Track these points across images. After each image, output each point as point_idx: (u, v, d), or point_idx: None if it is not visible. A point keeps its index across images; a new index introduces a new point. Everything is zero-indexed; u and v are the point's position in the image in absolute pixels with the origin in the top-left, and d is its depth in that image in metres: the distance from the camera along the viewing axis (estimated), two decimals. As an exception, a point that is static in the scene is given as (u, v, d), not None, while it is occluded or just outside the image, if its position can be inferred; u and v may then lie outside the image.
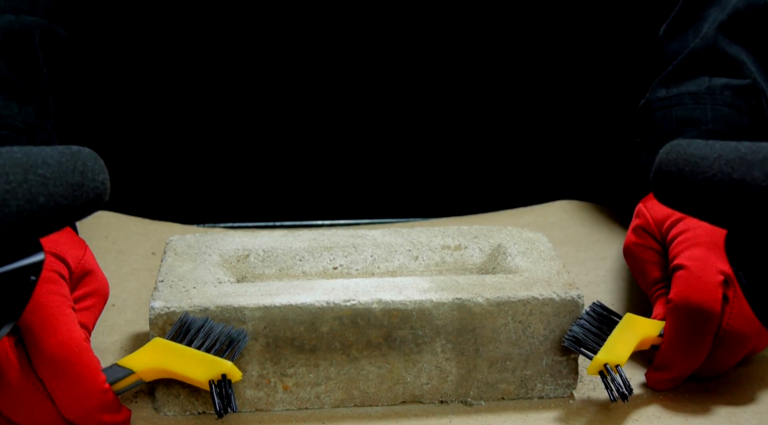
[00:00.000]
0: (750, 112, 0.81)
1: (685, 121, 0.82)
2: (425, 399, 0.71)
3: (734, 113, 0.81)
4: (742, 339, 0.70)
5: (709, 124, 0.81)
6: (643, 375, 0.73)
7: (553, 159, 1.05)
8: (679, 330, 0.70)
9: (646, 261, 0.77)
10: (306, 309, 0.68)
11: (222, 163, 1.03)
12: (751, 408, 0.71)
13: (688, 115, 0.82)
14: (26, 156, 0.56)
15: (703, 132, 0.80)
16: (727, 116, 0.81)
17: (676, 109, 0.83)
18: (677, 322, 0.70)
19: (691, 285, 0.70)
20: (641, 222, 0.78)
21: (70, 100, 0.88)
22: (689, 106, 0.82)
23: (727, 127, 0.81)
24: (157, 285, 0.70)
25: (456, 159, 1.05)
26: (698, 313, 0.69)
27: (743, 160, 0.59)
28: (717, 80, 0.83)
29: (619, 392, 0.68)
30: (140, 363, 0.66)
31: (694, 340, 0.69)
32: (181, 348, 0.65)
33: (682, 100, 0.83)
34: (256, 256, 0.76)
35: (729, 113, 0.81)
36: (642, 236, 0.77)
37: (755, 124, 0.81)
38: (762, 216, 0.57)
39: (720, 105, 0.81)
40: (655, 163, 0.63)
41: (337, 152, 1.03)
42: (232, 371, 0.65)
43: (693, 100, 0.82)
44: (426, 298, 0.68)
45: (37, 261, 0.58)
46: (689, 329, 0.69)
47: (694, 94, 0.83)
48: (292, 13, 0.98)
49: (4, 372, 0.63)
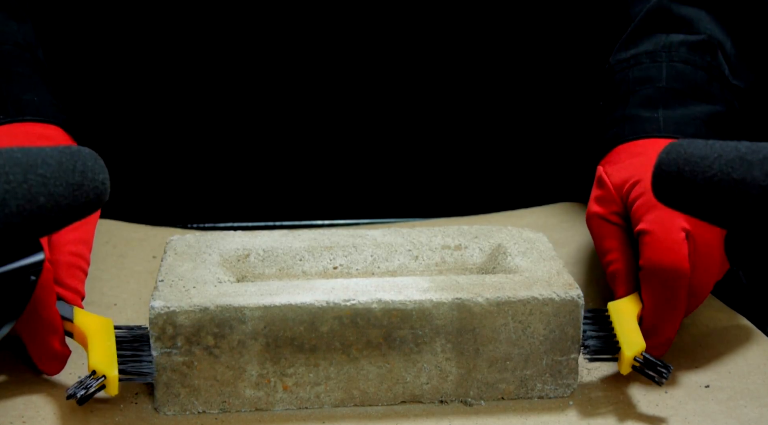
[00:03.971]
0: (705, 67, 0.82)
1: (640, 80, 0.82)
2: (425, 399, 0.71)
3: (689, 69, 0.82)
4: (707, 286, 0.74)
5: (663, 81, 0.82)
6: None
7: (554, 161, 1.05)
8: (656, 294, 0.72)
9: (607, 234, 0.78)
10: (306, 308, 0.68)
11: (222, 164, 1.03)
12: (751, 403, 0.71)
13: (644, 74, 0.83)
14: (26, 156, 0.56)
15: (658, 89, 0.81)
16: (682, 72, 0.82)
17: (633, 70, 0.83)
18: (653, 287, 0.72)
19: (657, 248, 0.71)
20: (603, 193, 0.79)
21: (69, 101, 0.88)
22: (646, 65, 0.83)
23: (682, 83, 0.81)
24: (157, 285, 0.70)
25: (457, 159, 1.05)
26: (670, 274, 0.71)
27: (743, 160, 0.59)
28: (673, 37, 0.83)
29: (661, 373, 0.69)
30: (82, 321, 0.69)
31: (672, 301, 0.71)
32: (111, 338, 0.68)
33: (640, 59, 0.84)
34: (256, 256, 0.76)
35: (683, 69, 0.82)
36: (605, 204, 0.78)
37: (711, 79, 0.82)
38: (762, 216, 0.57)
39: (675, 61, 0.82)
40: (655, 163, 0.63)
41: (337, 152, 1.03)
42: (111, 382, 0.66)
43: (650, 59, 0.83)
44: (426, 298, 0.68)
45: (37, 261, 0.58)
46: (665, 291, 0.71)
47: (651, 53, 0.83)
48: (292, 13, 0.98)
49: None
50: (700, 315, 0.82)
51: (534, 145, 1.05)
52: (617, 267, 0.76)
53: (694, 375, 0.74)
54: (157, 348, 0.67)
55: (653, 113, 0.80)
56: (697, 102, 0.80)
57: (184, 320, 0.67)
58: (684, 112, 0.80)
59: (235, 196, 1.04)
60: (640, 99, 0.81)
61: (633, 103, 0.81)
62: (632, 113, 0.81)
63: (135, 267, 0.89)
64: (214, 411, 0.69)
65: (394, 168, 1.04)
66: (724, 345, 0.78)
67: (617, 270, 0.75)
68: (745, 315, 0.82)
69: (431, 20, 1.00)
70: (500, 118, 1.04)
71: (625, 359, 0.70)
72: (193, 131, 1.02)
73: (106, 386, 0.67)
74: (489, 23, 1.00)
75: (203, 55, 0.99)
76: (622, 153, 0.79)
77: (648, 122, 0.80)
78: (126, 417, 0.69)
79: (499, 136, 1.04)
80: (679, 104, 0.80)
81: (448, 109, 1.03)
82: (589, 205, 0.80)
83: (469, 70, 1.02)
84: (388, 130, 1.03)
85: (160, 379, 0.68)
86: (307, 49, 0.99)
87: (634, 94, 0.82)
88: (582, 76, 1.01)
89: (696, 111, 0.80)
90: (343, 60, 1.00)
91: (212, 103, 1.01)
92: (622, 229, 0.77)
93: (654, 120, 0.79)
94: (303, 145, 1.03)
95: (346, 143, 1.03)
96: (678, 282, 0.71)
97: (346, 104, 1.02)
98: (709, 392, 0.72)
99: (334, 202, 1.04)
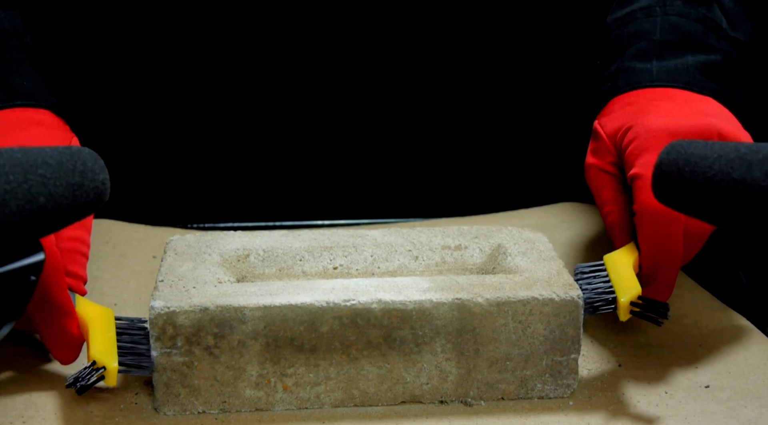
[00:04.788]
0: (700, 18, 0.82)
1: (635, 35, 0.83)
2: (425, 399, 0.71)
3: (683, 21, 0.82)
4: (702, 232, 0.73)
5: (657, 34, 0.82)
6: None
7: (554, 161, 1.05)
8: (651, 238, 0.71)
9: (603, 184, 0.78)
10: (306, 309, 0.68)
11: (222, 164, 1.03)
12: (751, 403, 0.71)
13: (638, 28, 0.83)
14: (26, 156, 0.56)
15: (651, 42, 0.81)
16: (676, 25, 0.82)
17: (629, 26, 0.84)
18: (648, 231, 0.72)
19: (650, 191, 0.71)
20: (597, 144, 0.79)
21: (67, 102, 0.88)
22: (640, 20, 0.83)
23: (677, 35, 0.82)
24: (157, 285, 0.70)
25: (457, 159, 1.05)
26: (663, 216, 0.71)
27: (743, 160, 0.59)
28: None
29: (659, 313, 0.70)
30: (83, 310, 0.69)
31: (667, 243, 0.71)
32: (112, 328, 0.68)
33: (635, 15, 0.84)
34: (256, 256, 0.76)
35: (678, 21, 0.82)
36: (600, 154, 0.78)
37: (706, 30, 0.82)
38: (762, 216, 0.57)
39: (669, 14, 0.83)
40: (655, 163, 0.63)
41: (337, 152, 1.03)
42: (110, 373, 0.67)
43: (644, 14, 0.84)
44: (426, 298, 0.68)
45: (37, 261, 0.58)
46: (660, 234, 0.71)
47: (646, 8, 0.84)
48: (292, 13, 0.98)
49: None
50: (700, 315, 0.82)
51: (534, 145, 1.05)
52: (614, 218, 0.76)
53: (694, 375, 0.74)
54: (157, 348, 0.67)
55: (646, 64, 0.80)
56: (691, 52, 0.80)
57: (184, 320, 0.67)
58: (677, 62, 0.80)
59: (235, 196, 1.04)
60: (634, 52, 0.82)
61: (627, 57, 0.82)
62: (626, 65, 0.81)
63: (135, 267, 0.89)
64: (214, 411, 0.69)
65: (394, 168, 1.04)
66: (724, 345, 0.78)
67: (615, 220, 0.75)
68: (745, 315, 0.82)
69: (431, 21, 1.00)
70: (500, 118, 1.04)
71: (621, 305, 0.70)
72: (193, 131, 1.02)
73: (105, 377, 0.67)
74: (488, 24, 1.00)
75: (203, 56, 0.99)
76: (615, 104, 0.80)
77: (641, 73, 0.80)
78: (126, 417, 0.69)
79: (499, 136, 1.04)
80: (672, 55, 0.80)
81: (447, 109, 1.03)
82: (587, 158, 0.80)
83: (469, 70, 1.02)
84: (388, 130, 1.03)
85: (160, 379, 0.68)
86: (307, 50, 1.00)
87: (628, 48, 0.82)
88: (581, 76, 1.01)
89: (690, 60, 0.80)
90: (343, 60, 1.00)
91: (212, 103, 1.01)
92: (618, 179, 0.77)
93: (647, 71, 0.80)
94: (303, 145, 1.03)
95: (346, 143, 1.03)
96: (673, 223, 0.71)
97: (346, 104, 1.02)
98: (709, 392, 0.72)
99: (334, 202, 1.04)
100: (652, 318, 0.71)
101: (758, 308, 0.83)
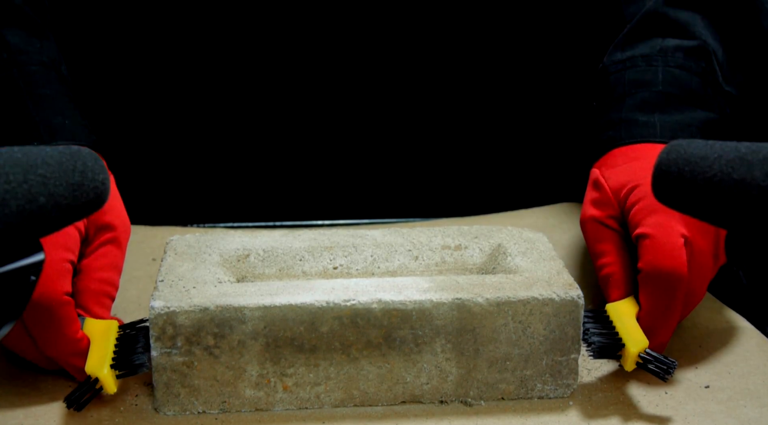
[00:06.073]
0: (700, 73, 0.83)
1: (636, 83, 0.83)
2: (425, 399, 0.71)
3: (684, 74, 0.83)
4: (700, 292, 0.75)
5: (659, 85, 0.82)
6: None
7: (554, 161, 1.05)
8: (655, 298, 0.72)
9: (603, 237, 0.78)
10: (306, 309, 0.68)
11: (222, 164, 1.03)
12: (751, 403, 0.71)
13: (640, 77, 0.83)
14: (26, 156, 0.56)
15: (654, 94, 0.82)
16: (678, 77, 0.82)
17: (629, 72, 0.84)
18: (652, 291, 0.72)
19: (657, 252, 0.72)
20: (600, 196, 0.79)
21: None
22: (642, 68, 0.84)
23: (678, 88, 0.82)
24: (157, 285, 0.70)
25: (457, 159, 1.05)
26: (670, 278, 0.72)
27: (743, 160, 0.59)
28: (669, 42, 0.84)
29: (665, 369, 0.70)
30: (88, 328, 0.70)
31: (670, 305, 0.72)
32: (111, 340, 0.69)
33: (635, 62, 0.84)
34: (256, 256, 0.76)
35: (679, 74, 0.83)
36: (602, 207, 0.78)
37: (705, 85, 0.83)
38: (762, 216, 0.57)
39: (671, 66, 0.83)
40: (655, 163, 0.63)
41: (337, 152, 1.03)
42: (104, 380, 0.67)
43: (645, 62, 0.84)
44: (426, 298, 0.68)
45: (37, 261, 0.58)
46: (664, 295, 0.72)
47: (647, 56, 0.84)
48: (292, 13, 0.98)
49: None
50: (700, 315, 0.82)
51: (534, 145, 1.05)
52: (613, 270, 0.76)
53: (694, 375, 0.74)
54: (157, 348, 0.67)
55: (650, 118, 0.80)
56: (693, 107, 0.81)
57: (184, 320, 0.67)
58: (680, 117, 0.80)
59: (235, 196, 1.04)
60: (636, 102, 0.82)
61: (629, 106, 0.82)
62: (628, 116, 0.81)
63: (134, 268, 0.89)
64: (214, 411, 0.69)
65: (394, 168, 1.04)
66: (724, 345, 0.78)
67: (613, 273, 0.76)
68: (745, 316, 0.82)
69: (431, 21, 1.00)
70: (500, 119, 1.04)
71: (630, 355, 0.70)
72: (194, 132, 1.02)
73: (102, 387, 0.67)
74: (488, 25, 1.00)
75: (203, 56, 0.99)
76: (618, 156, 0.80)
77: (644, 126, 0.80)
78: (126, 418, 0.69)
79: (499, 136, 1.04)
80: (675, 109, 0.81)
81: (448, 110, 1.03)
82: (585, 208, 0.80)
83: (469, 71, 1.02)
84: (388, 131, 1.03)
85: (160, 379, 0.68)
86: (307, 50, 0.99)
87: (630, 96, 0.82)
88: (581, 76, 1.01)
89: (691, 117, 0.81)
90: (342, 60, 1.00)
91: (212, 103, 1.01)
92: (618, 233, 0.77)
93: (651, 124, 0.80)
94: (303, 145, 1.03)
95: (346, 143, 1.03)
96: (677, 286, 0.72)
97: (346, 105, 1.02)
98: (709, 392, 0.72)
99: (334, 202, 1.04)
100: (657, 373, 0.70)
101: (758, 308, 0.83)
